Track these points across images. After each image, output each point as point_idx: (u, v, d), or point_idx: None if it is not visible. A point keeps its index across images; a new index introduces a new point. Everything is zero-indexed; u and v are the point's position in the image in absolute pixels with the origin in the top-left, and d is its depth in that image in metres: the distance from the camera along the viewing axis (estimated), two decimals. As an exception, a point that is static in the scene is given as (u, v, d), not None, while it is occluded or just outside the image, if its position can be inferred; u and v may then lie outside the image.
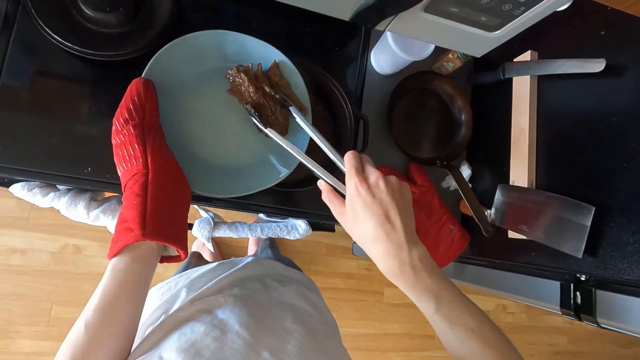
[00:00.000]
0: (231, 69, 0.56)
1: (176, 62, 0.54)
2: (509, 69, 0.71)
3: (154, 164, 0.45)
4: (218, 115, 0.57)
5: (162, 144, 0.48)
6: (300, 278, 0.68)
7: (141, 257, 0.43)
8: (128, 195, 0.44)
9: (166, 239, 0.43)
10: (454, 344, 0.41)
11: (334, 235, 1.71)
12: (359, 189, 0.40)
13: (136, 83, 0.49)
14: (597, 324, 0.56)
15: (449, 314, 0.40)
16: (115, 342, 0.40)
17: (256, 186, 0.56)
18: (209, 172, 0.56)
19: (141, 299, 0.43)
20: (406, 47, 0.66)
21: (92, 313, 0.39)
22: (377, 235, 0.40)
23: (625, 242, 0.50)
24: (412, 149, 0.78)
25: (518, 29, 0.45)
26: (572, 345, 2.03)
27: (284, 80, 0.59)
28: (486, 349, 0.39)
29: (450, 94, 0.80)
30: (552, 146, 0.65)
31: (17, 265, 1.39)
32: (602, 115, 0.58)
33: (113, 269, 0.41)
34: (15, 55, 0.56)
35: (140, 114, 0.47)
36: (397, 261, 0.39)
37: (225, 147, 0.57)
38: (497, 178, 0.73)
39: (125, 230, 0.42)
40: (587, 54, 0.58)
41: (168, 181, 0.46)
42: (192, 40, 0.54)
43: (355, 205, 0.41)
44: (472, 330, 0.39)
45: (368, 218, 0.40)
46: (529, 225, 0.63)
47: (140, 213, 0.41)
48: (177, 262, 0.49)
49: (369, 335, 1.74)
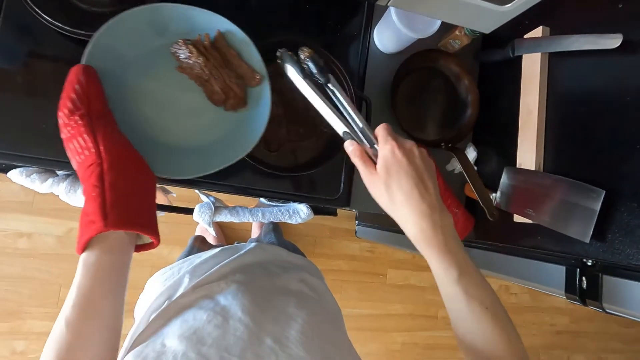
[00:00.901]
0: (176, 43, 0.53)
1: (117, 44, 0.51)
2: (518, 46, 0.68)
3: (107, 152, 0.43)
4: (172, 96, 0.55)
5: (115, 131, 0.46)
6: (303, 264, 0.68)
7: (111, 248, 0.42)
8: (86, 188, 0.42)
9: (132, 226, 0.42)
10: (466, 320, 0.41)
11: (338, 218, 1.71)
12: (395, 152, 0.42)
13: (75, 71, 0.46)
14: (603, 309, 0.56)
15: (468, 286, 0.40)
16: (100, 333, 0.40)
17: (224, 162, 0.54)
18: (172, 154, 0.53)
19: (120, 287, 0.42)
20: (411, 24, 0.63)
21: (70, 310, 0.38)
22: (411, 196, 0.40)
23: (635, 227, 0.49)
24: (416, 131, 0.76)
25: (530, 2, 0.42)
26: (574, 325, 2.05)
27: (233, 50, 0.55)
28: (496, 329, 0.40)
29: (456, 73, 0.77)
30: (562, 128, 0.63)
31: (25, 249, 1.41)
32: (615, 94, 0.55)
33: (84, 264, 0.40)
34: (5, 37, 0.55)
35: (85, 102, 0.45)
36: (431, 222, 0.40)
37: (184, 127, 0.55)
38: (503, 161, 0.72)
39: (88, 223, 0.41)
40: (602, 29, 0.55)
41: (126, 168, 0.44)
42: (129, 19, 0.50)
43: (390, 166, 0.42)
44: (486, 308, 0.40)
45: (403, 178, 0.41)
46: (536, 209, 0.62)
47: (100, 204, 0.40)
48: (151, 249, 0.48)
49: (372, 316, 1.77)
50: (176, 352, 0.38)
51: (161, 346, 0.40)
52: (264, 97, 0.57)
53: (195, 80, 0.55)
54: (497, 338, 0.40)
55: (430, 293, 1.83)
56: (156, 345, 0.40)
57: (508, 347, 0.40)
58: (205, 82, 0.55)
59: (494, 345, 0.40)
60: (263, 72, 0.56)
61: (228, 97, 0.55)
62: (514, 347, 0.40)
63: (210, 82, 0.54)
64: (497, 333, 0.40)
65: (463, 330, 0.42)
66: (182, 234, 1.53)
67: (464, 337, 0.42)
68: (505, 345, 0.40)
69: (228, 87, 0.55)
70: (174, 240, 1.53)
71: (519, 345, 0.41)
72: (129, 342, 0.45)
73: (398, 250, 1.77)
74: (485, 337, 0.40)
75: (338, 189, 0.69)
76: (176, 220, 1.54)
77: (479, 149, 0.77)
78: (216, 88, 0.54)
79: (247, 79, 0.56)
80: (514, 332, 0.41)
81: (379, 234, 1.50)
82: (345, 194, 0.70)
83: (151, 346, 0.40)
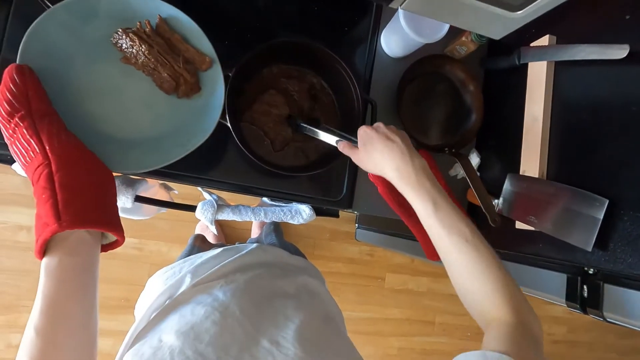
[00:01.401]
0: (116, 33, 0.51)
1: (54, 40, 0.49)
2: (524, 54, 0.69)
3: (54, 152, 0.41)
4: (120, 88, 0.53)
5: (61, 130, 0.44)
6: (304, 266, 0.68)
7: (73, 250, 0.40)
8: (36, 190, 0.41)
9: (89, 224, 0.40)
10: (452, 253, 0.44)
11: (338, 221, 1.71)
12: (365, 130, 0.52)
13: (8, 72, 0.43)
14: (604, 318, 0.56)
15: (445, 218, 0.45)
16: (72, 337, 0.38)
17: (184, 150, 0.52)
18: (127, 148, 0.52)
19: (89, 288, 0.41)
20: (419, 28, 0.63)
21: (38, 316, 0.37)
22: (384, 150, 0.49)
23: (637, 237, 0.49)
24: (420, 135, 0.76)
25: (542, 9, 0.42)
26: (571, 335, 2.04)
27: (177, 35, 0.53)
28: (480, 259, 0.43)
29: (462, 79, 0.77)
30: (566, 136, 0.63)
31: (24, 242, 1.41)
32: (621, 104, 0.55)
33: (47, 269, 0.39)
34: (15, 29, 0.55)
35: (24, 103, 0.43)
36: (403, 161, 0.48)
37: (137, 119, 0.54)
38: (506, 167, 0.72)
39: (42, 226, 0.39)
40: (608, 39, 0.56)
41: (76, 167, 0.43)
42: (61, 12, 0.48)
43: (364, 140, 0.52)
44: (466, 240, 0.43)
45: (375, 143, 0.50)
46: (538, 217, 0.62)
47: (52, 205, 0.39)
48: (117, 247, 0.46)
49: (370, 320, 1.76)
50: (172, 348, 0.38)
51: (158, 342, 0.40)
52: (217, 81, 0.55)
53: (143, 70, 0.53)
54: (481, 274, 0.42)
55: (428, 299, 1.83)
56: (153, 341, 0.40)
57: (494, 283, 0.42)
58: (153, 70, 0.53)
59: (480, 282, 0.42)
60: (212, 55, 0.54)
61: (178, 83, 0.53)
62: (500, 281, 0.42)
63: (158, 70, 0.52)
64: (481, 266, 0.42)
65: (455, 274, 0.45)
66: (181, 232, 1.53)
67: (458, 282, 0.45)
68: (493, 284, 0.42)
69: (177, 74, 0.53)
70: (174, 238, 1.54)
71: (505, 280, 0.42)
72: (128, 340, 0.44)
73: (397, 255, 1.77)
74: (471, 267, 0.43)
75: (341, 190, 0.70)
76: (176, 218, 1.54)
77: (482, 155, 0.77)
78: (164, 75, 0.52)
79: (197, 63, 0.54)
80: (499, 263, 0.43)
81: (379, 237, 1.50)
82: (348, 195, 0.70)
83: (148, 343, 0.40)
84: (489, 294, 0.41)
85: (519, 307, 0.40)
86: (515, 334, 0.38)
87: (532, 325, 0.40)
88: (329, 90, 0.68)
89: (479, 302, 0.42)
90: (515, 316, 0.39)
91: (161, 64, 0.52)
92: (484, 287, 0.42)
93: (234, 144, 0.58)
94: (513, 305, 0.40)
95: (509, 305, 0.40)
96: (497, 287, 0.41)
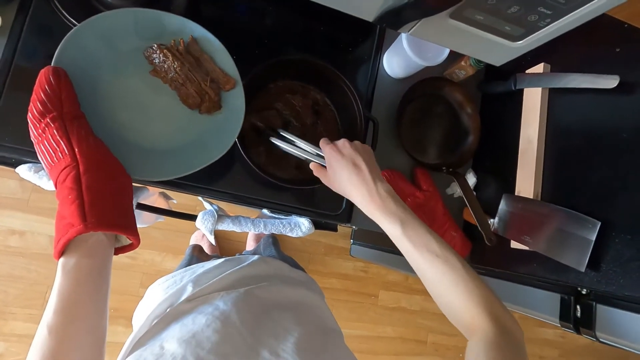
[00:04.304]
0: (151, 48, 0.54)
1: (89, 47, 0.51)
2: (520, 80, 0.71)
3: (82, 154, 0.43)
4: (145, 98, 0.55)
5: (89, 134, 0.45)
6: (304, 279, 0.69)
7: (90, 252, 0.41)
8: (61, 190, 0.42)
9: (112, 227, 0.41)
10: (425, 269, 0.45)
11: (333, 236, 1.71)
12: (331, 152, 0.52)
13: (44, 73, 0.45)
14: (596, 338, 0.56)
15: (414, 236, 0.45)
16: (83, 338, 0.39)
17: (200, 163, 0.55)
18: (147, 157, 0.54)
19: (102, 291, 0.42)
20: (421, 51, 0.66)
21: (52, 315, 0.37)
22: (350, 176, 0.50)
23: (629, 259, 0.50)
24: (419, 153, 0.78)
25: (540, 40, 0.45)
26: (563, 359, 2.03)
27: (206, 55, 0.56)
28: (452, 271, 0.43)
29: (460, 101, 0.80)
30: (560, 159, 0.65)
31: (15, 247, 1.38)
32: (612, 131, 0.58)
33: (64, 269, 0.39)
34: (29, 37, 0.56)
35: (57, 105, 0.44)
36: (367, 189, 0.49)
37: (159, 129, 0.56)
38: (502, 188, 0.74)
39: (66, 226, 0.40)
40: (600, 70, 0.59)
41: (102, 171, 0.44)
42: (101, 22, 0.51)
43: (331, 162, 0.52)
44: (436, 255, 0.44)
45: (342, 167, 0.50)
46: (532, 237, 0.63)
47: (78, 206, 0.40)
48: (131, 251, 0.47)
49: (362, 337, 1.74)
50: (175, 355, 0.38)
51: (159, 349, 0.40)
52: (238, 101, 0.58)
53: (170, 84, 0.56)
54: (456, 287, 0.43)
55: (421, 317, 1.82)
56: (155, 348, 0.40)
57: (469, 294, 0.42)
58: (181, 85, 0.55)
59: (456, 294, 0.43)
60: (237, 76, 0.58)
61: (203, 100, 0.56)
62: (474, 291, 0.42)
63: (186, 86, 0.55)
64: (454, 278, 0.43)
65: (431, 288, 0.46)
66: (175, 242, 1.52)
67: (435, 296, 0.46)
68: (466, 293, 0.42)
69: (203, 91, 0.56)
70: (167, 248, 1.52)
71: (479, 289, 0.42)
72: (128, 346, 0.44)
73: (391, 272, 1.77)
74: (445, 281, 0.43)
75: (340, 205, 0.71)
76: (171, 228, 1.54)
77: (478, 175, 0.79)
78: (192, 91, 0.55)
79: (221, 82, 0.57)
80: (472, 272, 0.43)
81: (374, 253, 1.51)
82: (347, 210, 0.71)
83: (150, 349, 0.40)
84: (467, 305, 0.42)
85: (497, 313, 0.41)
86: (497, 341, 0.38)
87: (512, 329, 0.40)
88: (332, 106, 0.70)
89: (458, 314, 0.43)
90: (494, 324, 0.40)
91: (190, 80, 0.55)
92: (460, 298, 0.42)
93: (238, 155, 0.59)
94: (491, 312, 0.41)
95: (487, 313, 0.40)
96: (472, 297, 0.42)
